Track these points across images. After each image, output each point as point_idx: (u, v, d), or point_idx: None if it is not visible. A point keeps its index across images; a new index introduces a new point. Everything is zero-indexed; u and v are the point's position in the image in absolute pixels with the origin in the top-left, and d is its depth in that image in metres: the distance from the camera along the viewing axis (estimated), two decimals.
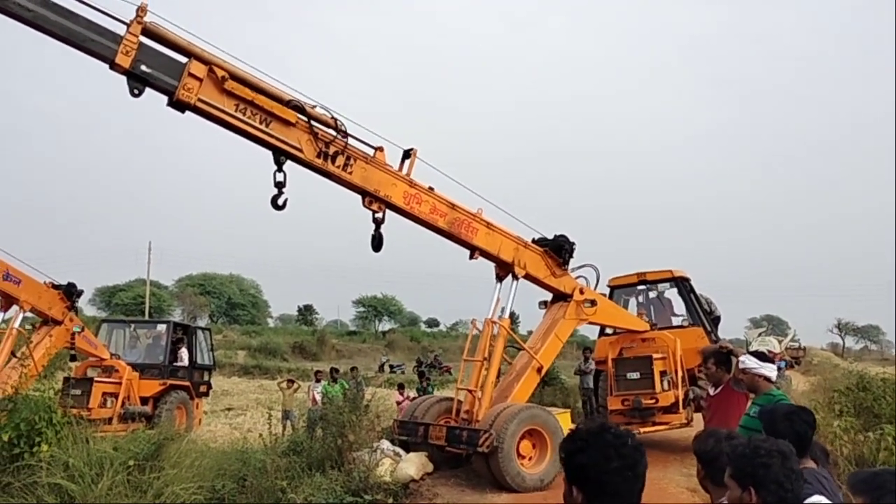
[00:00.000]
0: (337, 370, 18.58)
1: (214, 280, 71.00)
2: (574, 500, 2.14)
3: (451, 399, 11.13)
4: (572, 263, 11.45)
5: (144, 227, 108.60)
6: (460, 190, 10.41)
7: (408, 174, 9.86)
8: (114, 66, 7.73)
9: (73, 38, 7.52)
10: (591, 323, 11.98)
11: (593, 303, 11.48)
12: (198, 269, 72.29)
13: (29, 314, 14.37)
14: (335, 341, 57.86)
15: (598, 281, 12.08)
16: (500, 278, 10.95)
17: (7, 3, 7.22)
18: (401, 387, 17.99)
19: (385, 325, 77.26)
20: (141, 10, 7.76)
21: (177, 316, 57.90)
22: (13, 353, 13.62)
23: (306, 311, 76.22)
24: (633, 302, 14.78)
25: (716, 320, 14.14)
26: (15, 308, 13.71)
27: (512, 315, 10.86)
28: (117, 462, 9.79)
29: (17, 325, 13.85)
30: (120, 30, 7.79)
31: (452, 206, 10.19)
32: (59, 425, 10.32)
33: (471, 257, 10.55)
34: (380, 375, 36.93)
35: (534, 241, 11.17)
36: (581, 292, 11.38)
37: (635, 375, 12.13)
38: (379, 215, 9.57)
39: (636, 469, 2.12)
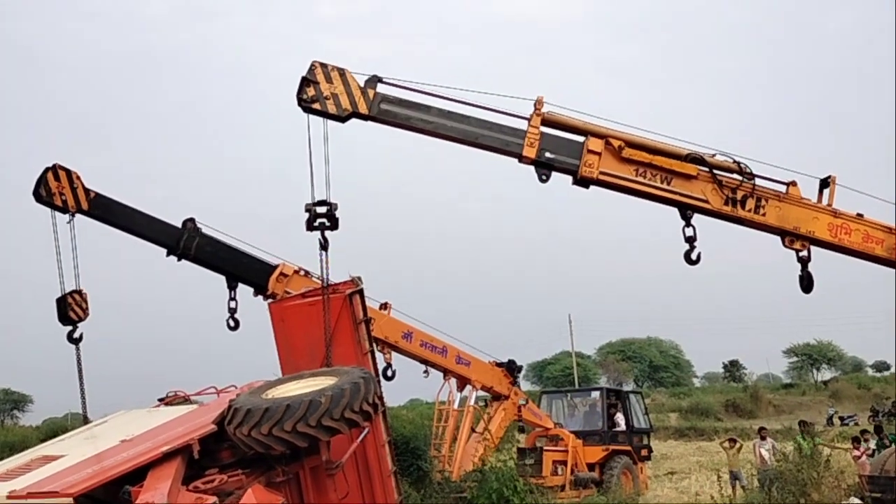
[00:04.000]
0: (805, 423, 17.23)
1: (633, 345, 71.57)
2: None
3: None
4: None
5: (562, 302, 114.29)
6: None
7: (829, 204, 9.06)
8: (522, 159, 8.56)
9: (478, 142, 8.53)
10: None
11: None
12: (616, 335, 73.70)
13: (479, 392, 16.04)
14: (770, 396, 53.82)
15: None
16: None
17: (411, 122, 8.47)
18: (856, 440, 16.10)
19: (825, 374, 69.76)
20: (538, 104, 8.51)
21: (603, 383, 59.41)
22: (473, 428, 15.25)
23: (733, 367, 72.41)
24: None
25: None
26: (468, 388, 15.43)
27: None
28: None
29: (471, 402, 15.57)
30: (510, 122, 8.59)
31: (890, 231, 9.04)
32: (522, 493, 11.24)
33: None
34: (829, 429, 33.23)
35: None
36: None
37: None
38: (803, 254, 8.95)
39: None
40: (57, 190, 9.60)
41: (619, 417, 18.25)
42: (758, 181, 8.84)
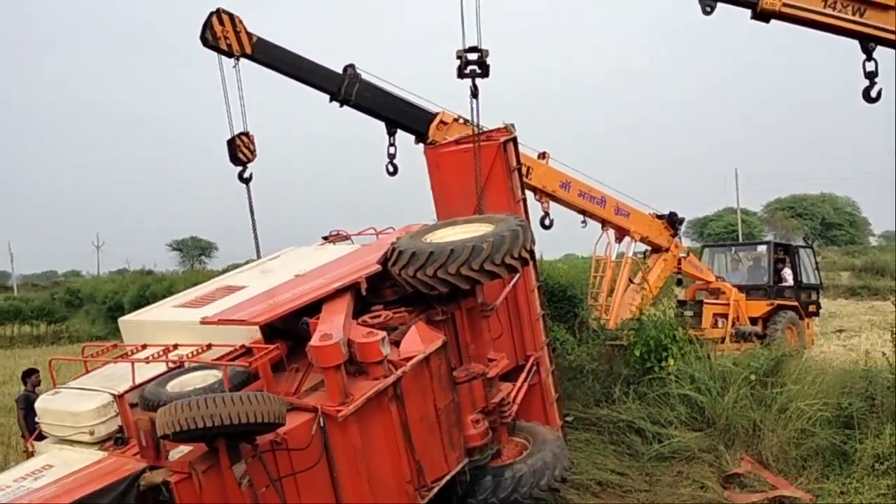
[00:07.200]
0: None
1: (805, 201, 67.75)
2: None
3: None
4: None
5: (727, 155, 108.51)
6: None
7: None
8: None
9: None
10: None
11: None
12: (787, 191, 69.79)
13: (639, 245, 15.73)
14: None
15: None
16: None
17: None
18: None
19: None
20: None
21: None
22: (630, 280, 15.11)
23: None
24: None
25: None
26: (627, 239, 15.17)
27: None
28: (739, 377, 10.14)
29: (630, 254, 15.34)
30: None
31: None
32: (681, 342, 11.17)
33: None
34: None
35: None
36: None
37: None
38: None
39: None
40: (222, 34, 9.83)
41: (787, 272, 17.45)
42: None
